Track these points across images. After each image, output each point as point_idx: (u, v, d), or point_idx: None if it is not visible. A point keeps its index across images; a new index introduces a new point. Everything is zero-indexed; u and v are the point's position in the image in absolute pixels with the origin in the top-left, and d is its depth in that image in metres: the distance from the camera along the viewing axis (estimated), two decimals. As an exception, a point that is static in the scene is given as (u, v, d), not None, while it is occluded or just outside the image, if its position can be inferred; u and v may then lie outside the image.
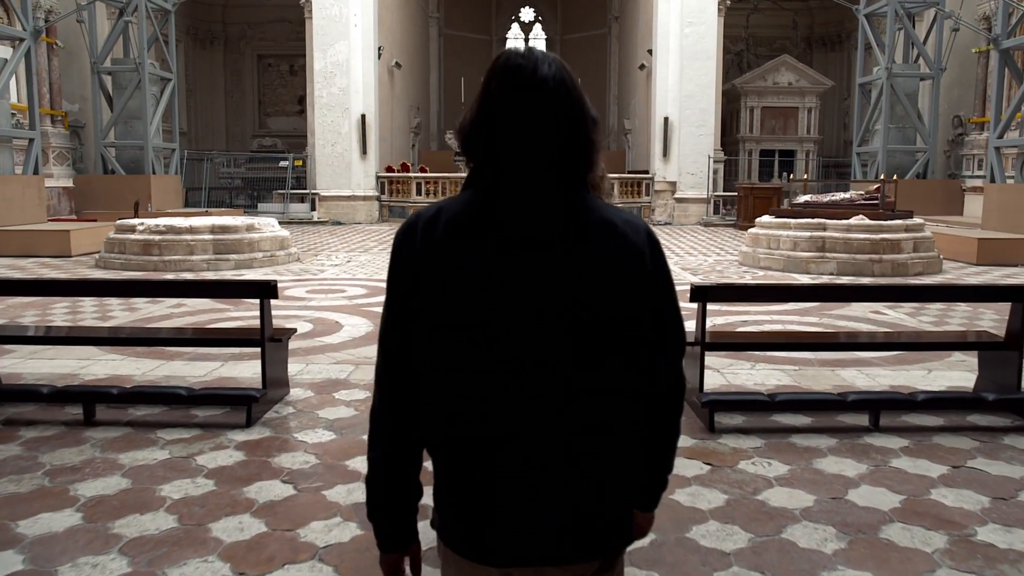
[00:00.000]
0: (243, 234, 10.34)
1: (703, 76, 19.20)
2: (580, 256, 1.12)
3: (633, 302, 1.15)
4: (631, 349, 1.15)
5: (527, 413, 1.11)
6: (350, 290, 8.35)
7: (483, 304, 1.11)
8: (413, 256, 1.14)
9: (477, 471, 1.14)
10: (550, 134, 1.10)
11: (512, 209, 1.12)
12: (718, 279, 9.71)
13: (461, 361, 1.13)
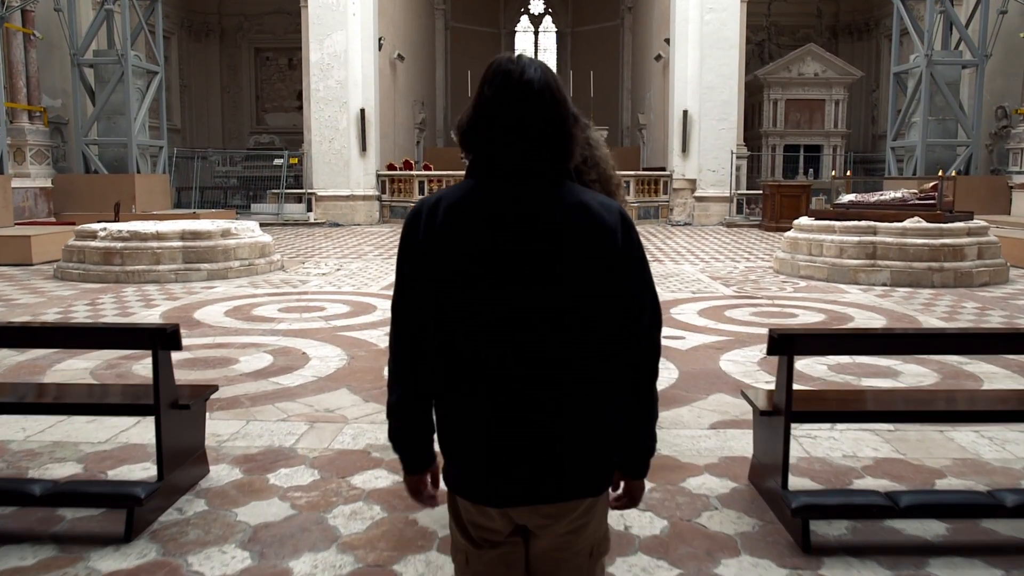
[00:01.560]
0: (217, 241, 9.21)
1: (725, 66, 17.92)
2: (559, 231, 1.31)
3: (605, 273, 1.33)
4: (606, 316, 1.34)
5: (515, 369, 1.33)
6: (331, 307, 7.20)
7: (478, 274, 1.32)
8: (418, 240, 1.35)
9: (473, 421, 1.36)
10: (536, 129, 1.32)
11: (502, 192, 1.33)
12: (753, 289, 8.50)
13: (459, 324, 1.34)
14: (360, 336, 5.93)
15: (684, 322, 6.58)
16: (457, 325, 1.34)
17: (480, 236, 1.32)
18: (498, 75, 1.32)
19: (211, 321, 6.52)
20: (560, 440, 1.34)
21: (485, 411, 1.35)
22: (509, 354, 1.33)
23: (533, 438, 1.34)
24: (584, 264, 1.32)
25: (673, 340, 5.84)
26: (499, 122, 1.32)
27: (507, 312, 1.32)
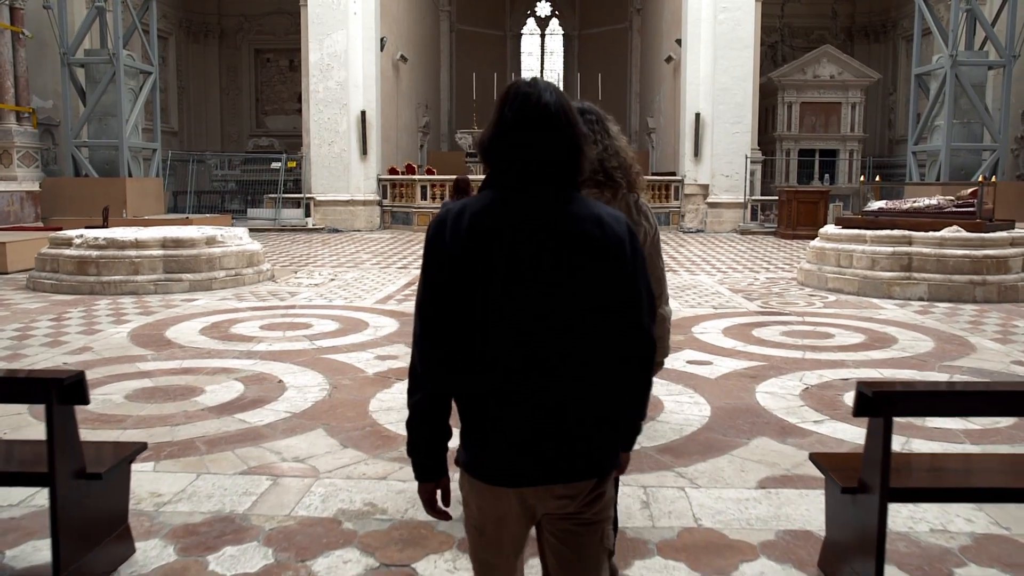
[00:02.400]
0: (201, 249, 8.58)
1: (739, 67, 17.27)
2: (573, 238, 1.45)
3: (614, 278, 1.48)
4: (612, 315, 1.48)
5: (531, 361, 1.45)
6: (318, 324, 6.55)
7: (499, 277, 1.44)
8: (444, 245, 1.47)
9: (493, 409, 1.47)
10: (552, 147, 1.46)
11: (522, 203, 1.46)
12: (779, 304, 7.82)
13: (480, 322, 1.45)
14: (346, 360, 5.27)
15: (710, 344, 5.91)
16: (479, 323, 1.46)
17: (502, 242, 1.44)
18: (518, 97, 1.46)
19: (183, 340, 5.88)
20: (570, 425, 1.47)
21: (503, 401, 1.47)
22: (526, 348, 1.45)
23: (546, 424, 1.46)
24: (596, 269, 1.46)
25: (700, 367, 5.17)
26: (519, 140, 1.45)
27: (525, 311, 1.45)
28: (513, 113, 1.45)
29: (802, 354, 5.59)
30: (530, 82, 1.48)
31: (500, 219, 1.45)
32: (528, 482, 1.46)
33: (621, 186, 2.23)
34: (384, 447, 3.58)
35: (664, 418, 4.07)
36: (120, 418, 3.94)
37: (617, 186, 2.22)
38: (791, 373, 5.02)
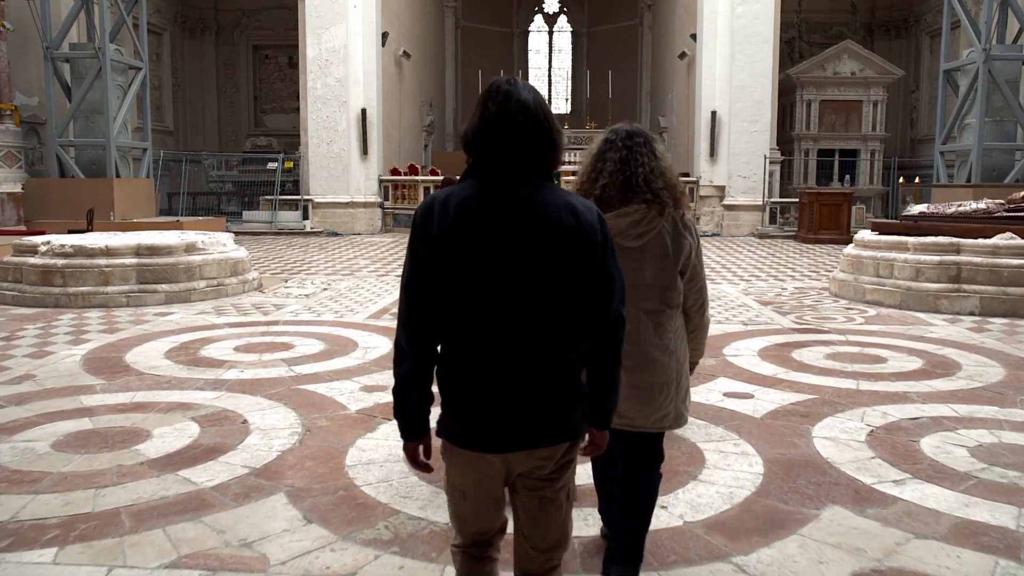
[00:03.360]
0: (179, 257, 7.84)
1: (757, 63, 16.46)
2: (549, 225, 1.58)
3: (586, 260, 1.60)
4: (585, 294, 1.61)
5: (511, 338, 1.59)
6: (301, 345, 5.80)
7: (482, 258, 1.57)
8: (432, 228, 1.59)
9: (477, 378, 1.60)
10: (530, 140, 1.59)
11: (503, 191, 1.59)
12: (815, 319, 7.03)
13: (464, 298, 1.59)
14: (327, 392, 4.52)
15: (746, 370, 5.13)
16: (463, 300, 1.59)
17: (485, 226, 1.58)
18: (499, 94, 1.61)
19: (143, 365, 5.14)
20: (548, 396, 1.61)
21: (486, 375, 1.60)
22: (507, 326, 1.59)
23: (526, 395, 1.60)
24: (570, 252, 1.59)
25: (740, 401, 4.40)
26: (500, 134, 1.59)
27: (505, 291, 1.58)
28: (496, 109, 1.58)
29: (856, 384, 4.80)
30: (510, 81, 1.62)
31: (482, 206, 1.58)
32: (513, 447, 1.60)
33: (668, 204, 2.27)
34: (359, 521, 2.82)
35: (708, 476, 3.30)
36: (36, 477, 3.20)
37: (664, 204, 2.26)
38: (849, 410, 4.24)
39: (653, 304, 2.25)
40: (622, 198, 2.23)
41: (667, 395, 2.26)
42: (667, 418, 2.28)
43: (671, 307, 2.28)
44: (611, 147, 2.29)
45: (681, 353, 2.31)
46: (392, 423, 3.31)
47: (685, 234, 2.30)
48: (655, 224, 2.24)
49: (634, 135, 2.31)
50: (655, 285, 2.25)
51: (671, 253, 2.26)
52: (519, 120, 1.57)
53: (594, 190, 2.26)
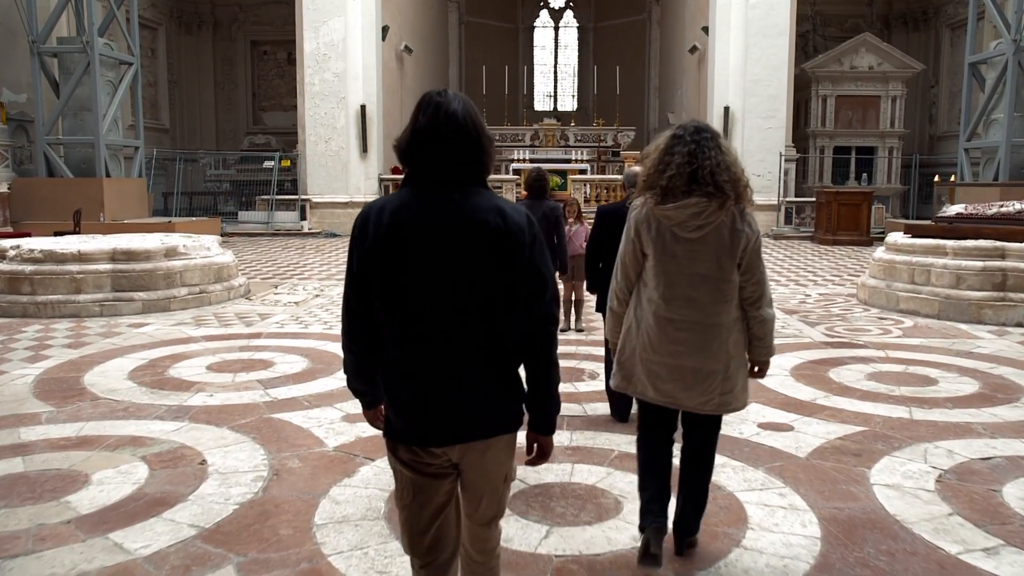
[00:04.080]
0: (158, 263, 7.28)
1: (773, 57, 15.84)
2: (479, 227, 1.65)
3: (515, 260, 1.67)
4: (516, 293, 1.68)
5: (448, 337, 1.66)
6: (282, 362, 5.23)
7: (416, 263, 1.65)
8: (367, 236, 1.68)
9: (416, 376, 1.68)
10: (460, 149, 1.66)
11: (436, 198, 1.66)
12: (847, 331, 6.43)
13: (401, 300, 1.67)
14: (304, 422, 3.95)
15: (781, 393, 4.53)
16: (399, 301, 1.67)
17: (418, 232, 1.65)
18: (430, 106, 1.68)
19: (102, 388, 4.57)
20: (482, 391, 1.69)
21: (424, 371, 1.67)
22: (441, 324, 1.66)
23: (462, 391, 1.68)
24: (499, 252, 1.66)
25: (779, 435, 3.80)
26: (432, 143, 1.66)
27: (439, 293, 1.65)
28: (426, 120, 1.66)
29: (908, 412, 4.20)
30: (441, 93, 1.70)
31: (417, 213, 1.66)
32: (451, 441, 1.70)
33: (729, 197, 2.30)
34: (322, 609, 2.24)
35: (753, 541, 2.71)
36: (-68, 543, 2.63)
37: (726, 197, 2.30)
38: (907, 447, 3.64)
39: (706, 295, 2.33)
40: (686, 190, 2.30)
41: (712, 382, 2.34)
42: (709, 403, 2.38)
43: (724, 299, 2.34)
44: (679, 142, 2.34)
45: (733, 345, 2.37)
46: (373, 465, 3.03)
47: (744, 228, 2.34)
48: (715, 217, 2.29)
49: (701, 130, 2.37)
50: (709, 276, 2.32)
51: (728, 246, 2.31)
52: (448, 131, 1.65)
53: (660, 181, 2.33)
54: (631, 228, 2.43)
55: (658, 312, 2.35)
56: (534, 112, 28.95)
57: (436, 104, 1.66)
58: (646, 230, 2.37)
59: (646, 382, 2.40)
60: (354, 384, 1.81)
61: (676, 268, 2.34)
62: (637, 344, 2.41)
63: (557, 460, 3.42)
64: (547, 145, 21.33)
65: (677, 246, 2.34)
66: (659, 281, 2.36)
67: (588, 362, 5.32)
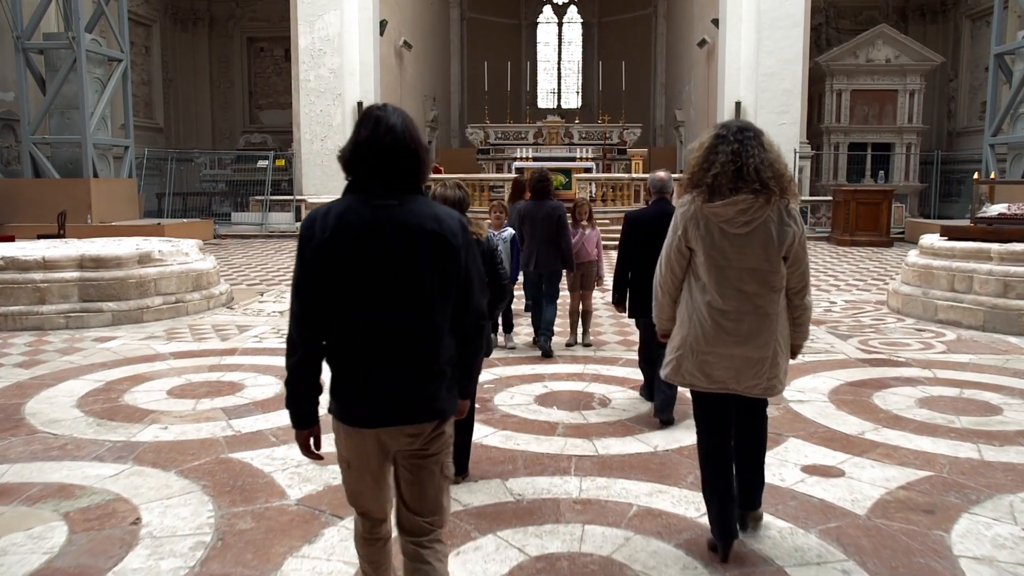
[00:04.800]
0: (129, 270, 6.71)
1: (786, 49, 15.20)
2: (416, 231, 1.79)
3: (449, 262, 1.83)
4: (447, 293, 1.84)
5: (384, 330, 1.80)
6: (253, 384, 4.64)
7: (359, 264, 1.78)
8: (314, 239, 1.79)
9: (356, 365, 1.82)
10: (399, 160, 1.80)
11: (377, 205, 1.80)
12: (884, 346, 5.81)
13: (343, 297, 1.79)
14: (266, 464, 3.36)
15: (823, 426, 3.92)
16: (342, 298, 1.79)
17: (359, 235, 1.78)
18: (370, 120, 1.80)
19: (43, 419, 3.99)
20: (416, 381, 1.83)
21: (363, 362, 1.81)
22: (379, 318, 1.80)
23: (397, 380, 1.81)
24: (435, 256, 1.81)
25: (829, 483, 3.19)
26: (372, 155, 1.79)
27: (377, 288, 1.79)
28: (367, 133, 1.78)
29: (976, 450, 3.59)
30: (381, 107, 1.82)
31: (359, 218, 1.78)
32: (384, 424, 1.82)
33: (775, 193, 2.37)
34: None
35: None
36: None
37: (771, 193, 2.36)
38: (987, 500, 3.03)
39: (756, 287, 2.41)
40: (732, 187, 2.35)
41: (761, 369, 2.45)
42: (757, 387, 2.48)
43: (773, 290, 2.43)
44: (723, 141, 2.40)
45: (780, 333, 2.47)
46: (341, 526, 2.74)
47: (790, 222, 2.42)
48: (762, 213, 2.37)
49: (744, 129, 2.43)
50: (759, 269, 2.40)
51: (776, 240, 2.39)
52: (387, 143, 1.78)
53: (706, 179, 2.38)
54: (678, 225, 2.50)
55: (712, 304, 2.44)
56: (537, 109, 28.34)
57: (377, 118, 1.79)
58: (694, 227, 2.44)
59: (696, 372, 2.50)
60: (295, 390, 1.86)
61: (726, 262, 2.42)
62: (689, 336, 2.49)
63: (564, 519, 2.83)
64: (551, 143, 20.72)
65: (726, 242, 2.41)
66: (710, 275, 2.44)
67: (598, 385, 4.72)
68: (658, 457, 3.49)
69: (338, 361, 1.82)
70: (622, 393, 4.54)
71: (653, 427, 3.93)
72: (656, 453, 3.54)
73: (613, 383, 4.76)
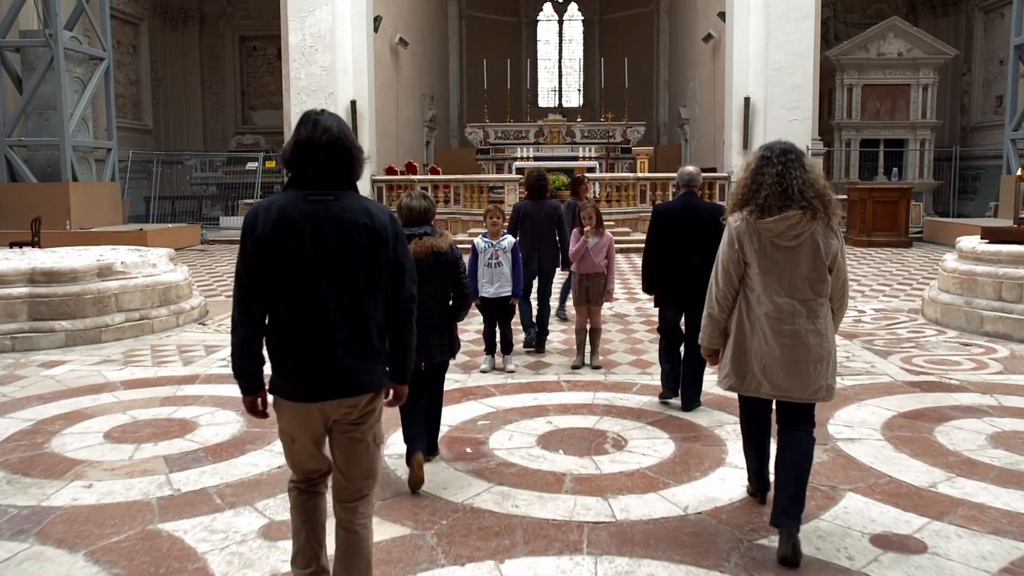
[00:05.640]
0: (86, 284, 6.06)
1: (797, 42, 14.50)
2: (350, 224, 2.03)
3: (381, 252, 2.07)
4: (378, 279, 2.08)
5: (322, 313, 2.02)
6: (209, 424, 3.98)
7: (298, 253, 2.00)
8: (256, 231, 2.01)
9: (296, 345, 2.03)
10: (334, 159, 2.04)
11: (314, 200, 2.03)
12: (933, 366, 5.14)
13: (283, 283, 2.02)
14: (201, 543, 2.69)
15: (883, 474, 3.25)
16: (282, 284, 2.01)
17: (300, 228, 2.00)
18: (308, 123, 2.05)
19: None
20: (350, 357, 2.04)
21: (304, 343, 2.03)
22: (317, 302, 2.02)
23: (334, 357, 2.03)
24: (368, 246, 2.05)
25: (909, 561, 2.53)
26: (310, 155, 2.02)
27: (315, 275, 2.01)
28: (306, 134, 2.03)
29: None
30: (320, 112, 2.08)
31: (299, 211, 2.01)
32: (325, 397, 2.04)
33: (819, 210, 2.61)
34: None
35: None
36: None
37: (816, 210, 2.60)
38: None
39: (807, 294, 2.66)
40: (780, 205, 2.60)
41: (820, 371, 2.66)
42: (820, 391, 2.68)
43: (821, 296, 2.68)
44: (767, 163, 2.65)
45: (830, 334, 2.71)
46: None
47: (832, 236, 2.66)
48: (808, 227, 2.60)
49: (787, 152, 2.67)
50: (808, 278, 2.65)
51: (822, 251, 2.63)
52: (324, 143, 2.02)
53: (757, 199, 2.64)
54: (733, 239, 2.69)
55: (768, 313, 2.65)
56: (538, 108, 27.68)
57: (315, 121, 2.05)
58: (748, 241, 2.66)
59: (761, 379, 2.67)
60: (241, 364, 2.09)
61: (779, 272, 2.64)
62: (752, 344, 2.68)
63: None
64: (552, 142, 20.05)
65: (777, 253, 2.63)
66: (766, 285, 2.66)
67: (611, 420, 4.05)
68: (690, 524, 2.83)
69: (280, 343, 2.05)
70: (639, 430, 3.88)
71: (678, 477, 3.27)
72: (687, 518, 2.87)
73: (628, 416, 4.10)
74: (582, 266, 5.14)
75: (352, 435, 2.09)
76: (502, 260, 5.01)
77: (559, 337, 6.11)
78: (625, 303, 7.78)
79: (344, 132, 2.04)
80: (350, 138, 2.05)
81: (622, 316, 7.08)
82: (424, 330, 2.92)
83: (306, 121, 2.04)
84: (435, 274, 3.28)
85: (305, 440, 2.09)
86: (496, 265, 5.01)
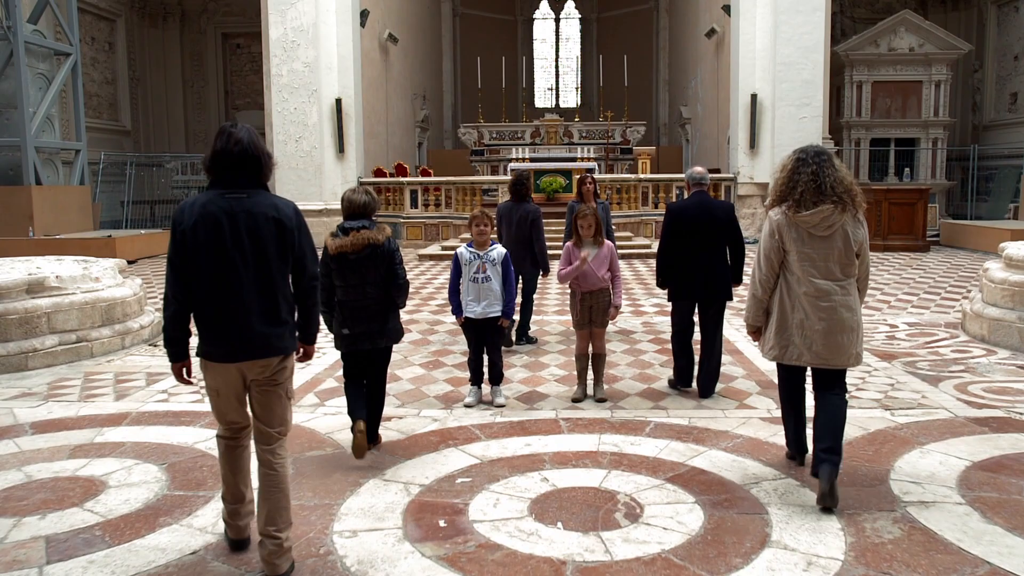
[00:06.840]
0: (11, 302, 5.26)
1: (806, 35, 13.77)
2: (260, 217, 2.47)
3: (287, 242, 2.51)
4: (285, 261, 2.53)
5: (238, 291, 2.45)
6: (120, 483, 3.20)
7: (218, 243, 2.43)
8: (182, 224, 2.43)
9: (218, 317, 2.46)
10: (246, 164, 2.47)
11: (230, 198, 2.45)
12: (996, 398, 4.38)
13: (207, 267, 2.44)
14: None
15: (975, 556, 2.49)
16: (206, 267, 2.43)
17: (219, 222, 2.42)
18: (223, 134, 2.48)
19: None
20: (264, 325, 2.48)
21: (224, 314, 2.45)
22: (235, 282, 2.44)
23: (250, 326, 2.46)
24: (275, 234, 2.48)
25: None
26: (226, 162, 2.46)
27: (233, 259, 2.43)
28: (221, 145, 2.46)
29: None
30: (233, 124, 2.52)
31: (216, 207, 2.43)
32: (243, 359, 2.47)
33: (848, 204, 3.06)
34: None
35: None
36: None
37: (846, 204, 3.05)
38: None
39: (838, 276, 3.10)
40: (815, 200, 3.04)
41: (852, 340, 3.12)
42: (851, 357, 3.14)
43: (850, 277, 3.13)
44: (804, 164, 3.10)
45: (858, 308, 3.16)
46: None
47: (859, 226, 3.12)
48: (840, 219, 3.05)
49: (820, 154, 3.13)
50: (839, 262, 3.08)
51: (851, 239, 3.07)
52: (236, 152, 2.45)
53: (794, 195, 3.09)
54: (773, 231, 3.15)
55: (807, 292, 3.10)
56: (534, 108, 26.94)
57: (228, 133, 2.48)
58: (787, 232, 3.10)
59: (803, 349, 3.14)
60: (172, 332, 2.50)
61: (816, 257, 3.09)
62: (794, 319, 3.15)
63: None
64: (549, 143, 19.27)
65: (813, 242, 3.08)
66: (804, 269, 3.10)
67: (621, 474, 3.26)
68: (739, 651, 2.05)
69: (205, 316, 2.47)
70: (657, 491, 3.10)
71: (713, 566, 2.49)
72: None
73: (642, 470, 3.32)
74: (582, 283, 4.37)
75: (266, 389, 2.53)
76: (491, 274, 4.25)
77: (556, 360, 5.34)
78: (630, 316, 7.00)
79: (254, 142, 2.49)
80: (259, 147, 2.50)
81: (627, 333, 6.31)
82: (365, 317, 3.49)
83: (221, 133, 2.49)
84: (372, 265, 3.47)
85: (228, 394, 2.53)
86: (484, 280, 4.25)
